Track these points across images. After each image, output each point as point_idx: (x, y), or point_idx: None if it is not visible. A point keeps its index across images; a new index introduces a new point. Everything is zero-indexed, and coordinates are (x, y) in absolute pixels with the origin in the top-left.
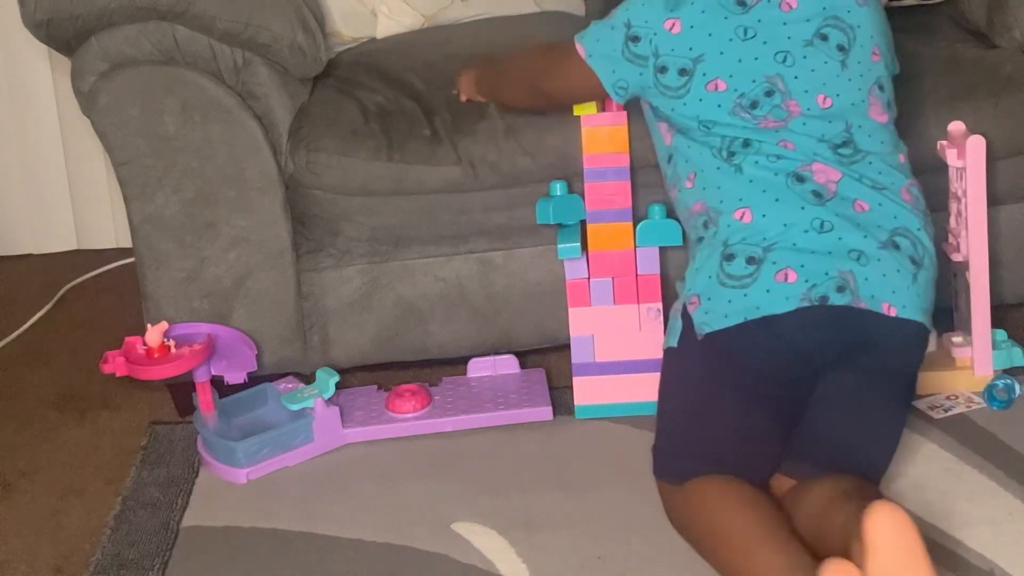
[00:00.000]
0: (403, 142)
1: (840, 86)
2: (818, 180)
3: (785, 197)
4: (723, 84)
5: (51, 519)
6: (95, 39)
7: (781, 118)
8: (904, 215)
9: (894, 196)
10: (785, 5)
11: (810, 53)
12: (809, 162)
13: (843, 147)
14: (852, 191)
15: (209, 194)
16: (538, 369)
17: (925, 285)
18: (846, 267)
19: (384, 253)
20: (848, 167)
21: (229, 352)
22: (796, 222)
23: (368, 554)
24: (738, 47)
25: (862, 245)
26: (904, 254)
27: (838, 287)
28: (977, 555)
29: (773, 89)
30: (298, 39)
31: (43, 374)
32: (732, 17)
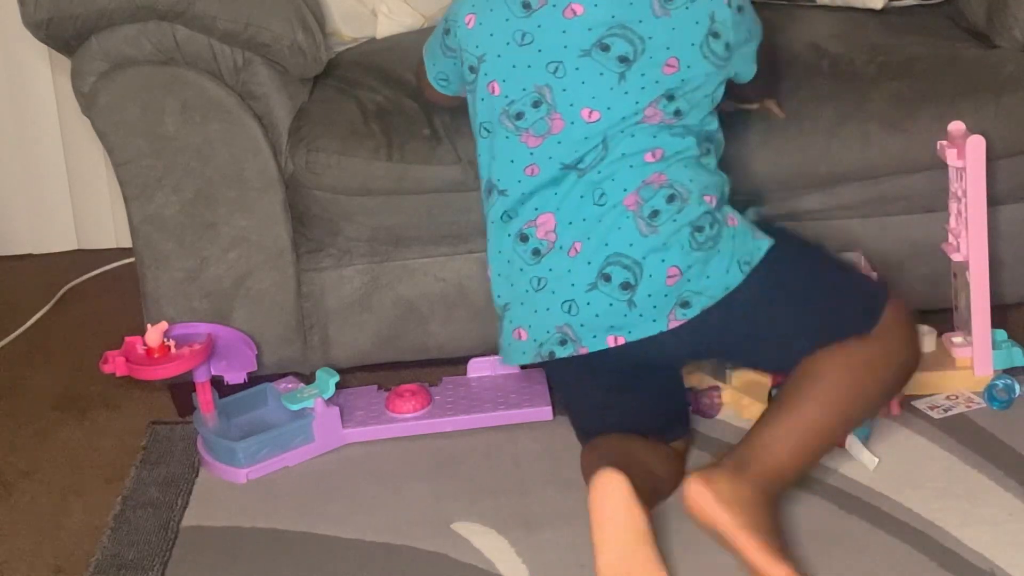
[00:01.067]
0: (403, 142)
1: (612, 99)
2: (539, 236)
3: (512, 258)
4: (498, 88)
5: (51, 519)
6: (95, 39)
7: (541, 132)
8: (615, 237)
9: (610, 211)
10: (569, 11)
11: (584, 64)
12: (533, 217)
13: (582, 161)
14: (566, 235)
15: (209, 194)
16: (538, 369)
17: (646, 296)
18: (562, 321)
19: (384, 253)
20: (573, 192)
21: (229, 352)
22: (519, 282)
23: (368, 554)
24: (515, 52)
25: (572, 294)
26: (615, 284)
27: (560, 341)
28: (977, 555)
29: (541, 100)
30: (298, 39)
31: (43, 374)
32: (514, 20)
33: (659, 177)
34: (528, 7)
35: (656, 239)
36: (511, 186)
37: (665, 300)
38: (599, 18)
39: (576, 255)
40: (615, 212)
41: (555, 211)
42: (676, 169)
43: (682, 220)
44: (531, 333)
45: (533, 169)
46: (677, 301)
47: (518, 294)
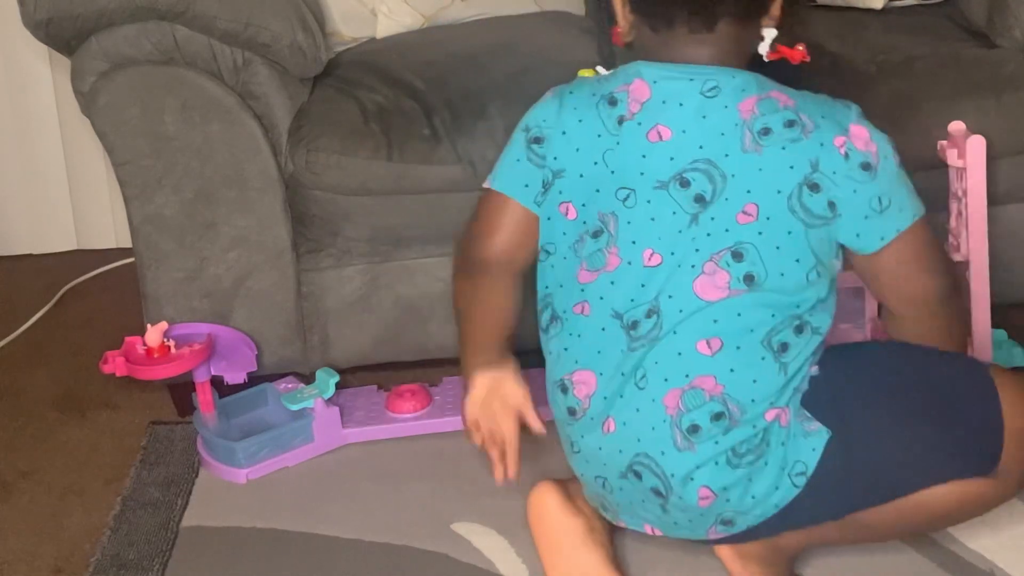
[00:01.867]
0: (403, 142)
1: (678, 245)
2: (576, 394)
3: (555, 404)
4: (574, 212)
5: (51, 519)
6: (95, 39)
7: (596, 267)
8: (647, 437)
9: (648, 404)
10: (654, 133)
11: (657, 198)
12: (571, 370)
13: (639, 324)
14: (601, 408)
15: (209, 194)
16: (538, 369)
17: (679, 511)
18: (595, 492)
19: (384, 253)
20: (621, 361)
21: (229, 352)
22: (564, 435)
23: (368, 554)
24: (593, 173)
25: (604, 472)
26: (646, 485)
27: (601, 504)
28: (977, 555)
29: (602, 230)
30: (298, 39)
31: (43, 374)
32: (606, 136)
33: (711, 385)
34: (620, 122)
35: (690, 458)
36: (565, 315)
37: (701, 519)
38: (685, 147)
39: (608, 435)
40: (651, 408)
41: (597, 374)
42: (737, 373)
43: (725, 444)
44: (587, 486)
45: (584, 307)
46: (716, 520)
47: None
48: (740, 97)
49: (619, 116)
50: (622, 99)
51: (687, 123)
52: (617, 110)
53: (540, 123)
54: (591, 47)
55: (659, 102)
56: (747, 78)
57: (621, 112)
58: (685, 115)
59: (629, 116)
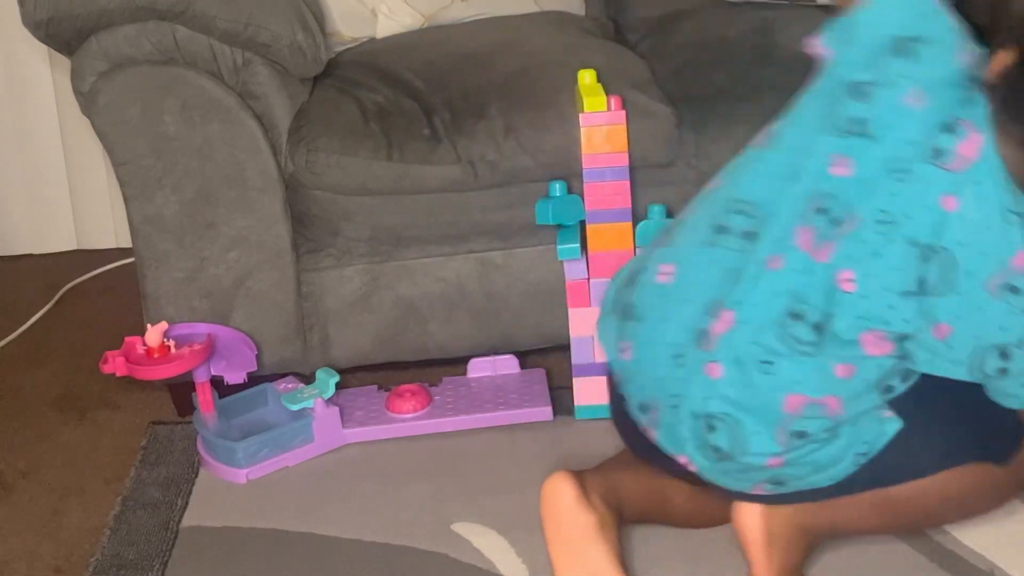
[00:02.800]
0: (403, 142)
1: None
2: (713, 329)
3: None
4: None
5: (51, 519)
6: (95, 39)
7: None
8: (758, 407)
9: (768, 391)
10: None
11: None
12: (716, 314)
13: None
14: (731, 348)
15: (209, 194)
16: (538, 369)
17: (739, 465)
18: (655, 399)
19: (384, 253)
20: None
21: (229, 352)
22: (668, 331)
23: (368, 554)
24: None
25: (680, 398)
26: (715, 437)
27: (641, 407)
28: (977, 555)
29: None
30: (298, 39)
31: (43, 374)
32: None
33: (831, 401)
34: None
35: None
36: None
37: (755, 475)
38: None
39: (712, 378)
40: (771, 396)
41: (741, 319)
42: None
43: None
44: (638, 355)
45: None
46: (769, 479)
47: (652, 317)
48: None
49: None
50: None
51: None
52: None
53: None
54: (591, 47)
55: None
56: None
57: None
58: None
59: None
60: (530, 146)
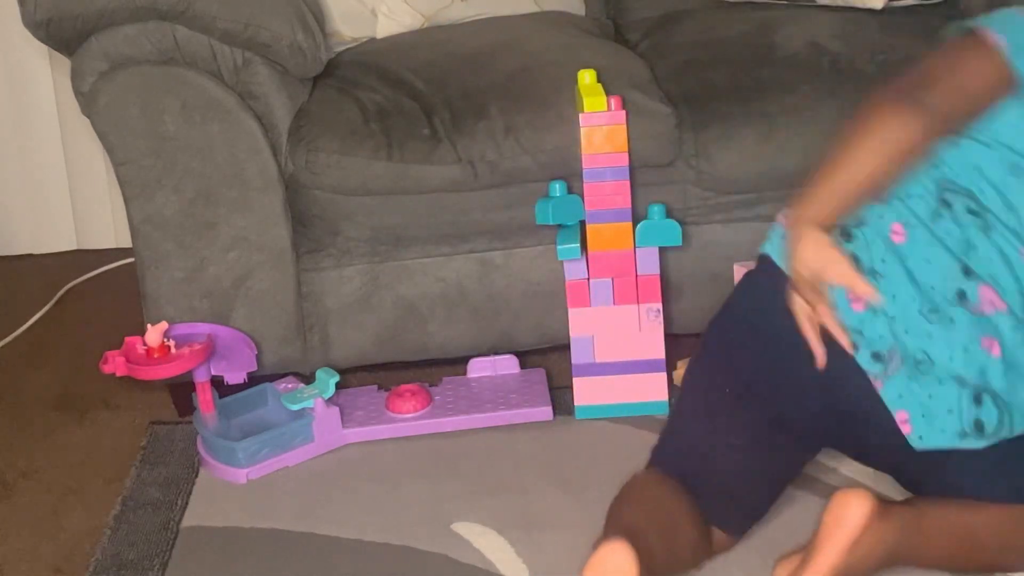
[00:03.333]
0: (403, 142)
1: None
2: (980, 300)
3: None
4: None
5: (51, 519)
6: (95, 39)
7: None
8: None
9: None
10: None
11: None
12: (979, 285)
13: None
14: (998, 327)
15: (209, 194)
16: (538, 369)
17: (989, 435)
18: (895, 348)
19: (384, 253)
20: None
21: (229, 352)
22: (922, 290)
23: (368, 554)
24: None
25: (935, 351)
26: (980, 411)
27: (874, 355)
28: None
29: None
30: (298, 39)
31: (43, 374)
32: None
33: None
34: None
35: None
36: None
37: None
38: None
39: (996, 356)
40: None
41: (1008, 303)
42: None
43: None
44: (866, 315)
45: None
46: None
47: (902, 288)
48: None
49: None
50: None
51: None
52: None
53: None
54: (591, 47)
55: None
56: None
57: None
58: None
59: None
60: (530, 146)
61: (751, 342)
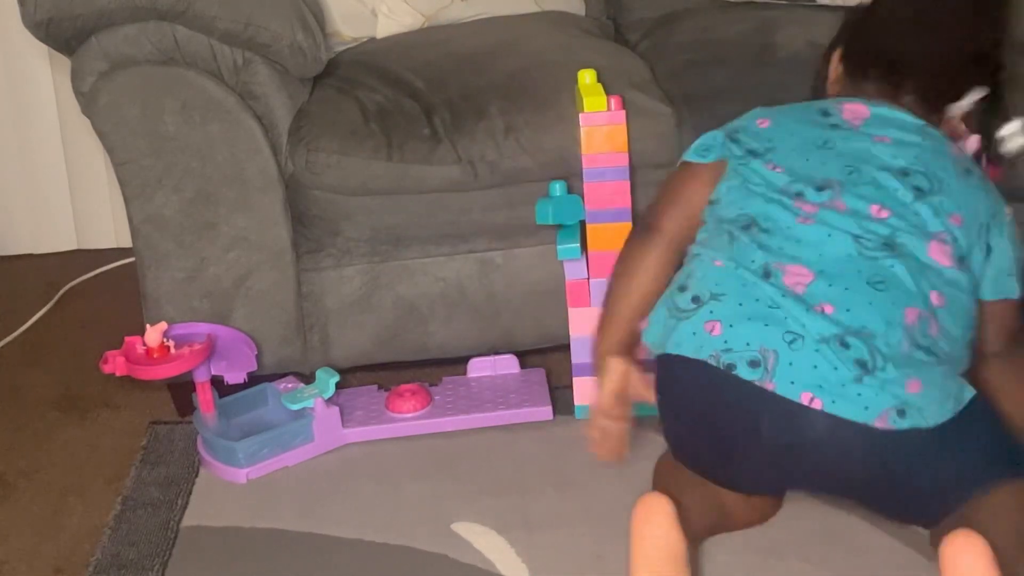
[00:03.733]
0: (403, 142)
1: (905, 211)
2: (785, 282)
3: (745, 277)
4: (780, 170)
5: (51, 519)
6: (95, 39)
7: (820, 203)
8: (876, 329)
9: (888, 305)
10: (878, 138)
11: (883, 177)
12: (784, 262)
13: (874, 244)
14: (818, 294)
15: (209, 194)
16: (538, 369)
17: (876, 386)
18: (772, 345)
19: (384, 253)
20: (849, 262)
21: (229, 352)
22: (747, 288)
23: (368, 554)
24: (812, 152)
25: (801, 331)
26: (849, 355)
27: (751, 362)
28: None
29: (827, 187)
30: (298, 39)
31: (43, 374)
32: (818, 131)
33: (935, 328)
34: (836, 127)
35: (911, 364)
36: (773, 228)
37: (889, 398)
38: (905, 153)
39: (822, 315)
40: (890, 310)
41: (815, 271)
42: (948, 322)
43: (939, 371)
44: (726, 334)
45: (805, 220)
46: (896, 405)
47: (740, 294)
48: (947, 142)
49: (832, 123)
50: (834, 112)
51: (908, 139)
52: (830, 119)
53: (744, 121)
54: (591, 47)
55: (879, 120)
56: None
57: (836, 121)
58: (905, 135)
59: (853, 127)
60: (530, 146)
61: (701, 446)
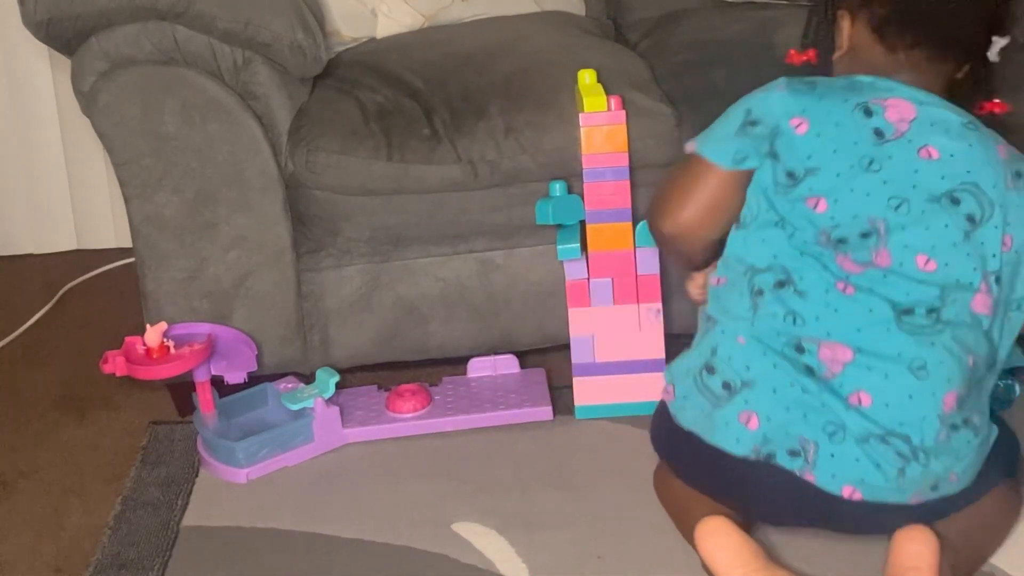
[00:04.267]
0: (403, 142)
1: (953, 256)
2: (821, 358)
3: (778, 348)
4: (824, 206)
5: (51, 519)
6: (95, 39)
7: (864, 262)
8: (913, 424)
9: (928, 395)
10: (925, 152)
11: (931, 210)
12: (819, 336)
13: (919, 314)
14: (854, 380)
15: (209, 194)
16: (538, 369)
17: (915, 478)
18: (812, 436)
19: (384, 253)
20: (888, 339)
21: (229, 352)
22: (780, 371)
23: (368, 554)
24: (856, 176)
25: (842, 422)
26: (891, 450)
27: (791, 451)
28: None
29: (872, 232)
30: (298, 39)
31: (43, 374)
32: (863, 144)
33: (969, 398)
34: (881, 135)
35: (950, 451)
36: (810, 291)
37: (928, 486)
38: (954, 169)
39: (858, 407)
40: (929, 401)
41: (853, 349)
42: (978, 392)
43: (976, 442)
44: (764, 427)
45: (845, 288)
46: (931, 483)
47: (773, 379)
48: (996, 139)
49: (876, 128)
50: (878, 111)
51: (954, 149)
52: (873, 121)
53: (770, 109)
54: (591, 47)
55: (927, 124)
56: (983, 124)
57: (879, 125)
58: (952, 141)
59: (898, 134)
60: (530, 146)
61: (725, 498)
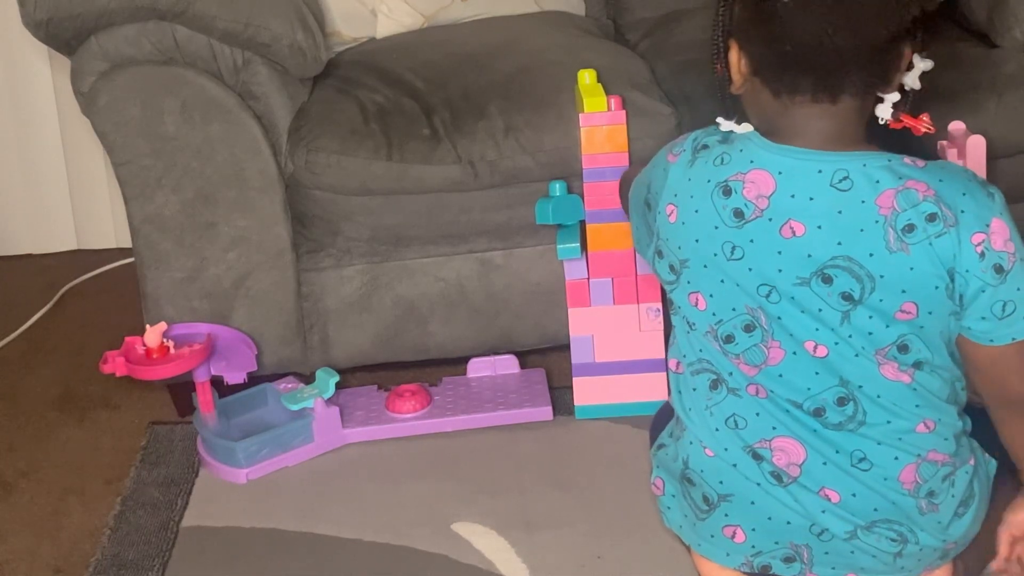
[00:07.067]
0: (403, 142)
1: (838, 337)
2: (777, 463)
3: (739, 461)
4: (703, 302)
5: (51, 519)
6: (95, 39)
7: (757, 362)
8: (886, 508)
9: (881, 481)
10: (787, 230)
11: (800, 294)
12: (769, 437)
13: (827, 411)
14: (819, 476)
15: (209, 194)
16: (538, 369)
17: (915, 556)
18: (801, 540)
19: (384, 253)
20: (821, 439)
21: (229, 352)
22: (749, 479)
23: (368, 554)
24: (723, 265)
25: (828, 524)
26: (883, 535)
27: (786, 558)
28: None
29: (753, 325)
30: (298, 39)
31: (43, 374)
32: (723, 229)
33: (942, 457)
34: (741, 216)
35: (933, 516)
36: (738, 387)
37: (931, 560)
38: (822, 244)
39: (830, 503)
40: (885, 485)
41: (806, 447)
42: (949, 440)
43: (958, 496)
44: (751, 539)
45: (758, 391)
46: (940, 555)
47: (748, 492)
48: (876, 191)
49: (736, 208)
50: (737, 189)
51: (821, 219)
52: (732, 201)
53: (658, 190)
54: (591, 47)
55: (787, 196)
56: (878, 165)
57: (738, 205)
58: (817, 210)
59: (757, 213)
60: (530, 146)
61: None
